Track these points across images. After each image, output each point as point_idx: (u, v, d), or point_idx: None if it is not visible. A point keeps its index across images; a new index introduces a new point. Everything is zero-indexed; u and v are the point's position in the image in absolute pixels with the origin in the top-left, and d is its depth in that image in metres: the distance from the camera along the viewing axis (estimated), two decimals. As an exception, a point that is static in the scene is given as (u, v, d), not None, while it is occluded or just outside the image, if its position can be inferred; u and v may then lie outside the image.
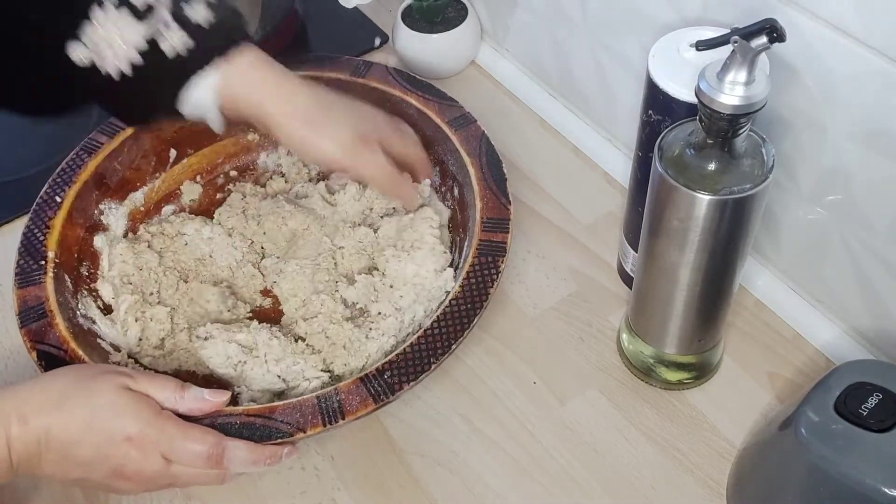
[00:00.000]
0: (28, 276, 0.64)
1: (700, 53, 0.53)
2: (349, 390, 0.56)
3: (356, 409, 0.56)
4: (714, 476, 0.61)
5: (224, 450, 0.54)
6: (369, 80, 0.76)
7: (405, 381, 0.57)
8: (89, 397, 0.52)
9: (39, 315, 0.61)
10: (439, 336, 0.59)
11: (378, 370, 0.57)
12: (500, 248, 0.63)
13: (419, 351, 0.58)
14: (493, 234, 0.64)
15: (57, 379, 0.54)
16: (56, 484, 0.62)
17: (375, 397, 0.56)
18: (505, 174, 0.68)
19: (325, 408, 0.56)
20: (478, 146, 0.70)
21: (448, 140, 0.71)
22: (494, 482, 0.62)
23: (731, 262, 0.56)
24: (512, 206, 0.66)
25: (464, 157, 0.69)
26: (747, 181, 0.50)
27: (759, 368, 0.66)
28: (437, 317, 0.60)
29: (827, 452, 0.48)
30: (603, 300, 0.71)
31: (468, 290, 0.61)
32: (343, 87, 0.76)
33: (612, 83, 0.78)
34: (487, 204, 0.66)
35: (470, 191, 0.68)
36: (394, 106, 0.75)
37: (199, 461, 0.53)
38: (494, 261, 0.63)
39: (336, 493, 0.62)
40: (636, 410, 0.65)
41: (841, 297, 0.65)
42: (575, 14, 0.77)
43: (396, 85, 0.75)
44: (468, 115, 0.72)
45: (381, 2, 0.98)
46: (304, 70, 0.76)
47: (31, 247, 0.65)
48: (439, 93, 0.74)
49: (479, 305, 0.60)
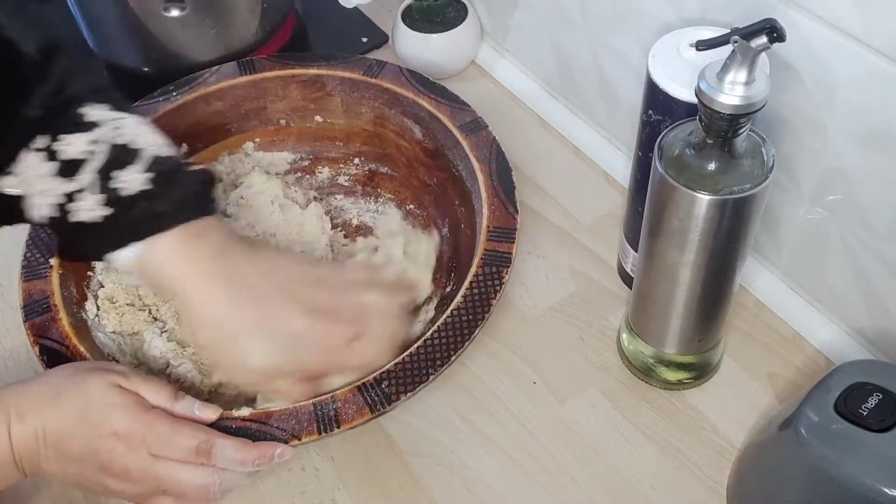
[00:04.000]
0: (34, 270, 0.64)
1: (700, 53, 0.53)
2: (346, 399, 0.56)
3: (352, 417, 0.55)
4: (714, 476, 0.61)
5: (213, 446, 0.53)
6: (382, 81, 0.75)
7: (402, 392, 0.56)
8: (82, 392, 0.53)
9: (44, 309, 0.61)
10: (439, 346, 0.58)
11: (376, 379, 0.57)
12: (504, 258, 0.63)
13: (418, 361, 0.57)
14: (498, 244, 0.63)
15: (54, 376, 0.54)
16: (58, 486, 0.62)
17: (372, 407, 0.55)
18: (514, 182, 0.67)
19: (321, 415, 0.55)
20: (488, 152, 0.69)
21: (459, 145, 0.70)
22: (494, 482, 0.62)
23: (731, 262, 0.56)
24: (519, 215, 0.65)
25: (473, 164, 0.69)
26: (747, 181, 0.50)
27: (759, 368, 0.66)
28: (437, 327, 0.59)
29: (827, 452, 0.48)
30: (603, 300, 0.71)
31: (470, 301, 0.60)
32: (356, 87, 0.76)
33: (612, 83, 0.78)
34: (494, 213, 0.65)
35: (478, 198, 0.67)
36: (405, 108, 0.74)
37: (186, 454, 0.52)
38: (498, 271, 0.62)
39: (336, 494, 0.62)
40: (636, 410, 0.65)
41: (841, 297, 0.65)
42: (575, 14, 0.77)
43: (409, 86, 0.74)
44: (480, 120, 0.72)
45: (381, 2, 0.98)
46: (317, 68, 0.76)
47: (38, 240, 0.65)
48: (452, 96, 0.74)
49: (480, 317, 0.60)
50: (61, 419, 0.51)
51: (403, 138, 0.76)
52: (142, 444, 0.52)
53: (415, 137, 0.75)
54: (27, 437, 0.51)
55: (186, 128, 0.75)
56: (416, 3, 0.88)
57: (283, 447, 0.54)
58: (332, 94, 0.77)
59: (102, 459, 0.52)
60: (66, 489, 0.62)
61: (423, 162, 0.76)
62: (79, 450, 0.52)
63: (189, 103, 0.75)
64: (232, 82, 0.76)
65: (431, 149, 0.74)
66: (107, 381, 0.53)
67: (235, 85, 0.76)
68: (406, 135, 0.76)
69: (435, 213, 0.75)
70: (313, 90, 0.77)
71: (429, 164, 0.75)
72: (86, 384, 0.53)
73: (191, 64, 0.82)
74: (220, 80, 0.76)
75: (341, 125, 0.79)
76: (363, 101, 0.77)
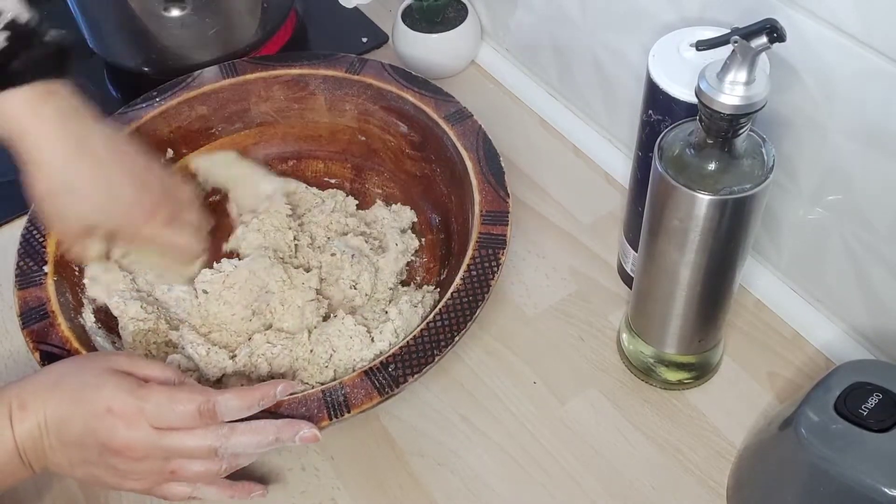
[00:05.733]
0: (28, 278, 0.64)
1: (700, 53, 0.53)
2: (354, 384, 0.57)
3: (361, 401, 0.56)
4: (714, 476, 0.61)
5: (215, 403, 0.53)
6: (365, 77, 0.76)
7: (409, 374, 0.57)
8: (79, 375, 0.53)
9: (41, 316, 0.62)
10: (442, 329, 0.59)
11: (382, 363, 0.57)
12: (499, 240, 0.64)
13: (422, 343, 0.58)
14: (492, 227, 0.64)
15: (55, 366, 0.55)
16: (58, 487, 0.62)
17: (380, 390, 0.56)
18: (503, 167, 0.68)
19: (330, 401, 0.56)
20: (475, 140, 0.70)
21: (445, 135, 0.71)
22: (494, 482, 0.62)
23: (731, 262, 0.56)
24: (510, 198, 0.66)
25: (461, 152, 0.69)
26: (747, 181, 0.50)
27: (759, 368, 0.66)
28: (439, 309, 0.60)
29: (827, 452, 0.48)
30: (603, 300, 0.71)
31: (469, 283, 0.61)
32: (339, 84, 0.76)
33: (612, 83, 0.78)
34: (486, 197, 0.66)
35: (468, 185, 0.68)
36: (390, 102, 0.75)
37: (190, 419, 0.52)
38: (495, 253, 0.63)
39: (336, 493, 0.62)
40: (636, 410, 0.65)
41: (841, 297, 0.65)
42: (575, 14, 0.77)
43: (392, 81, 0.75)
44: (464, 110, 0.72)
45: (381, 2, 0.98)
46: (299, 67, 0.77)
47: (30, 248, 0.66)
48: (435, 88, 0.74)
49: (480, 298, 0.60)
50: (60, 404, 0.52)
51: (389, 133, 0.77)
52: (141, 419, 0.51)
53: (400, 131, 0.76)
54: (30, 428, 0.51)
55: (170, 133, 0.75)
56: (416, 3, 0.88)
57: (285, 382, 0.55)
58: (315, 94, 0.78)
59: (102, 438, 0.51)
60: (67, 490, 0.62)
61: (410, 155, 0.76)
62: (78, 432, 0.51)
63: (172, 108, 0.75)
64: (214, 86, 0.76)
65: (417, 141, 0.75)
66: (104, 364, 0.54)
67: (218, 88, 0.76)
68: (391, 129, 0.76)
69: (424, 205, 0.76)
70: (296, 90, 0.78)
71: (415, 157, 0.76)
72: (83, 369, 0.53)
73: (191, 64, 0.83)
74: (202, 84, 0.76)
75: (325, 123, 0.79)
76: (346, 99, 0.77)
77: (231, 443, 0.53)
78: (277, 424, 0.54)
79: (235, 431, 0.53)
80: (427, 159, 0.75)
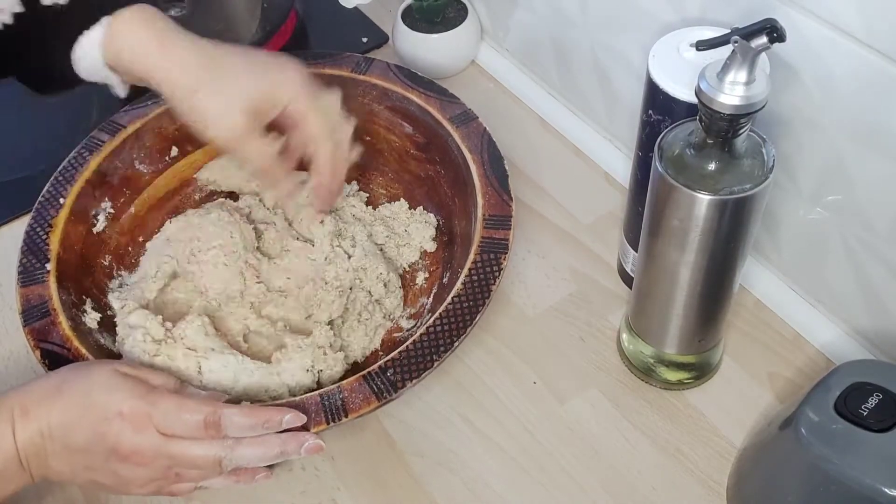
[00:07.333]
0: (31, 275, 0.64)
1: (700, 53, 0.53)
2: (352, 388, 0.56)
3: (359, 406, 0.56)
4: (714, 476, 0.61)
5: (220, 416, 0.53)
6: (370, 77, 0.76)
7: (407, 379, 0.57)
8: (85, 380, 0.53)
9: (43, 314, 0.61)
10: (441, 334, 0.59)
11: (381, 368, 0.57)
12: (501, 245, 0.63)
13: (421, 348, 0.58)
14: (494, 231, 0.64)
15: (57, 372, 0.55)
16: (58, 489, 0.62)
17: (378, 395, 0.56)
18: (507, 171, 0.68)
19: (328, 406, 0.56)
20: (480, 143, 0.70)
21: (450, 137, 0.71)
22: (494, 482, 0.62)
23: (731, 262, 0.56)
24: (514, 202, 0.66)
25: (466, 154, 0.69)
26: (747, 181, 0.50)
27: (759, 368, 0.66)
28: (439, 314, 0.60)
29: (827, 452, 0.48)
30: (603, 300, 0.71)
31: (470, 288, 0.61)
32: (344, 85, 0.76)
33: (612, 83, 0.78)
34: (490, 201, 0.66)
35: (472, 188, 0.68)
36: (395, 103, 0.75)
37: (195, 429, 0.52)
38: (496, 258, 0.63)
39: (336, 493, 0.62)
40: (636, 410, 0.65)
41: (841, 297, 0.65)
42: (575, 14, 0.77)
43: (398, 81, 0.75)
44: (469, 112, 0.72)
45: (381, 2, 0.98)
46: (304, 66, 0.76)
47: (33, 245, 0.65)
48: (441, 89, 0.74)
49: (481, 303, 0.60)
50: (65, 410, 0.51)
51: (394, 133, 0.77)
52: (149, 424, 0.51)
53: (405, 132, 0.76)
54: (32, 435, 0.51)
55: (176, 130, 0.75)
56: (416, 3, 0.88)
57: (293, 413, 0.54)
58: None
59: (110, 443, 0.51)
60: (67, 492, 0.62)
61: (415, 156, 0.76)
62: (85, 438, 0.51)
63: None
64: None
65: (422, 142, 0.75)
66: (110, 368, 0.53)
67: None
68: (396, 130, 0.76)
69: (428, 206, 0.76)
70: None
71: (420, 158, 0.76)
72: (89, 374, 0.53)
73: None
74: None
75: None
76: (352, 98, 0.77)
77: (236, 454, 0.53)
78: (282, 437, 0.54)
79: (241, 444, 0.53)
80: (431, 160, 0.74)
